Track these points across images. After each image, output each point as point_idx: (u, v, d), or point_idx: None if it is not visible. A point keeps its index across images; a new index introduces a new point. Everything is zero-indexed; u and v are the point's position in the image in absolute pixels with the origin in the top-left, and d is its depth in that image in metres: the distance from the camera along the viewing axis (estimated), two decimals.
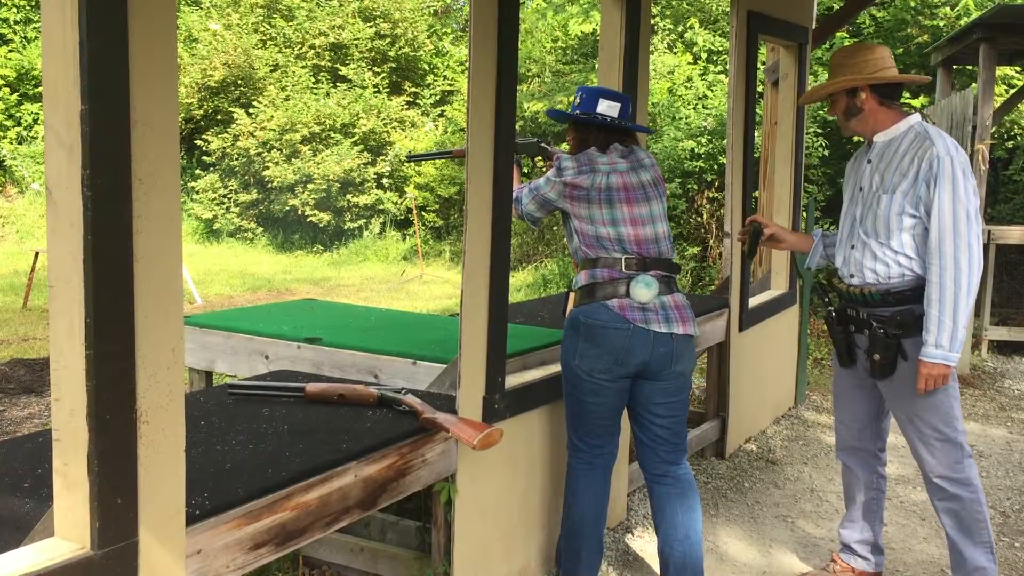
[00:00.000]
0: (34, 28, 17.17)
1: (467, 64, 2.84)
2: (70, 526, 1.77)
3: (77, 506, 1.75)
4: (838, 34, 9.76)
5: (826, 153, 9.25)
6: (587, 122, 3.12)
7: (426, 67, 18.11)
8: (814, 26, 5.84)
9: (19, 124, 16.40)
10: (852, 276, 3.11)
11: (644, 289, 2.97)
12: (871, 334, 3.03)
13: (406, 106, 16.82)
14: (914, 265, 2.98)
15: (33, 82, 16.44)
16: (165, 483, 1.85)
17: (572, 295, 3.10)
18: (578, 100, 3.15)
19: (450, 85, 16.98)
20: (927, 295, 2.89)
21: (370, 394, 2.93)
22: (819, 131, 9.27)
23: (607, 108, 3.12)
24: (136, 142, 1.72)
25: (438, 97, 17.05)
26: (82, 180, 1.65)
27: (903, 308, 2.98)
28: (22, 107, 16.48)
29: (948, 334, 2.85)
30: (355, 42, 17.05)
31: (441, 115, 16.60)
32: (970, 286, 2.85)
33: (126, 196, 1.71)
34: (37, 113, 16.18)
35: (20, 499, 2.09)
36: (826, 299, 3.27)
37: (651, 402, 3.08)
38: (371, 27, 17.25)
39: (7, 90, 16.21)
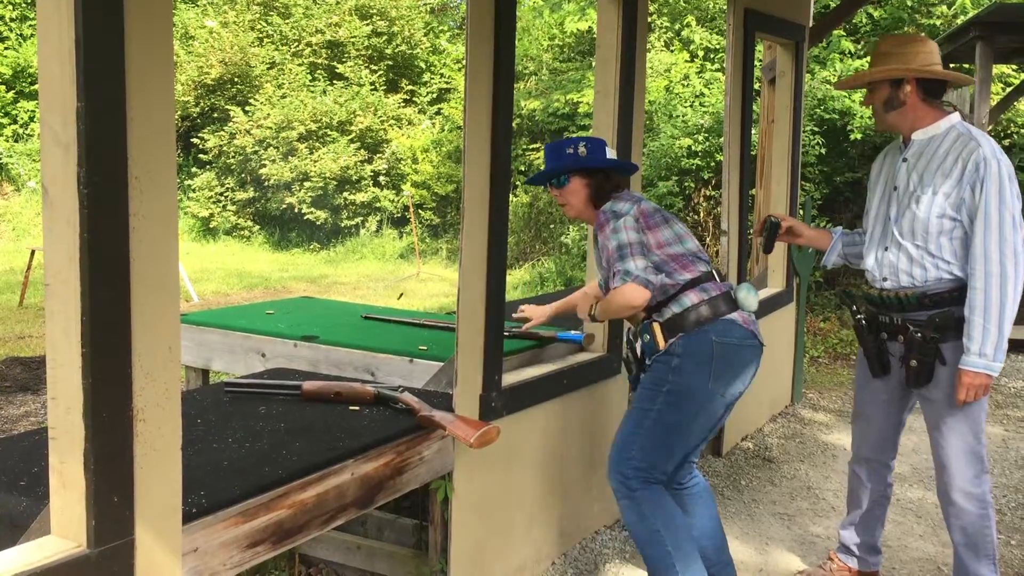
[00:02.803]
0: (30, 25, 17.14)
1: (464, 62, 2.84)
2: (66, 524, 1.77)
3: (73, 504, 1.74)
4: (835, 32, 9.76)
5: (823, 151, 9.26)
6: (604, 167, 3.02)
7: (423, 65, 18.09)
8: (811, 24, 5.84)
9: (15, 122, 16.36)
10: (885, 280, 2.96)
11: (752, 295, 2.89)
12: (908, 339, 2.89)
13: (403, 104, 16.80)
14: (953, 268, 2.85)
15: (29, 79, 16.40)
16: (161, 481, 1.85)
17: (657, 327, 2.86)
18: (584, 150, 3.02)
19: (447, 83, 16.97)
20: (970, 302, 2.77)
21: (367, 392, 2.92)
22: (816, 129, 9.28)
23: (612, 155, 3.09)
24: (132, 140, 1.71)
25: (435, 95, 17.04)
26: (78, 178, 1.65)
27: (941, 311, 2.86)
28: (18, 104, 16.44)
29: (993, 343, 2.74)
30: (352, 40, 17.02)
31: (438, 113, 16.59)
32: (1016, 293, 2.74)
33: (122, 194, 1.71)
34: (33, 111, 16.14)
35: (16, 497, 2.08)
36: (854, 307, 3.10)
37: (720, 425, 2.99)
38: (368, 25, 17.23)
39: (3, 88, 16.18)
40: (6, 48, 16.66)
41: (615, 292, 2.83)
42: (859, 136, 9.07)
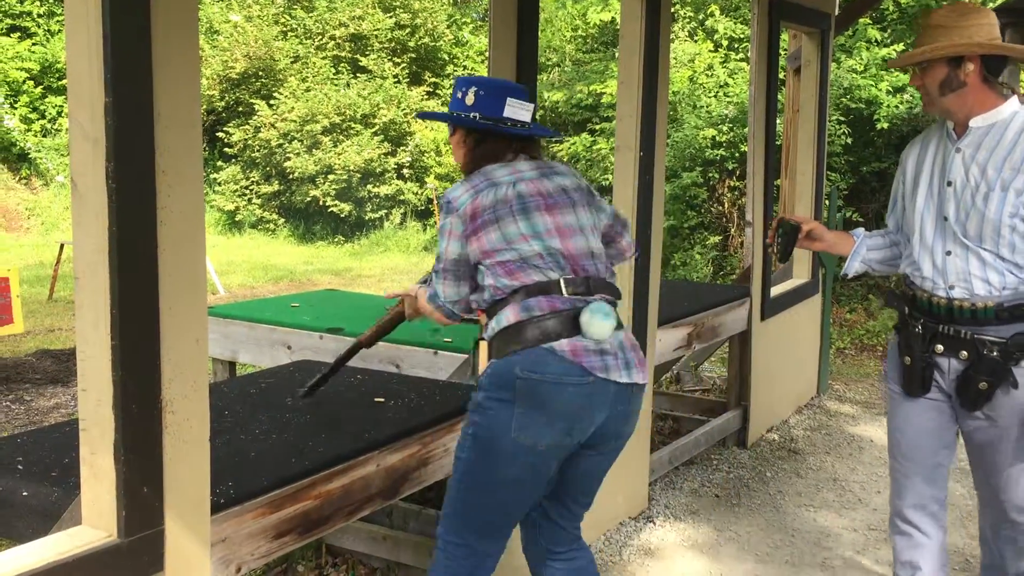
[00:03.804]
0: (57, 21, 17.28)
1: (487, 54, 2.83)
2: (97, 514, 1.79)
3: (104, 495, 1.77)
4: (861, 20, 9.66)
5: (849, 141, 9.18)
6: (488, 129, 2.32)
7: (446, 57, 18.09)
8: (837, 12, 5.79)
9: (43, 117, 16.52)
10: (952, 288, 2.49)
11: (604, 321, 2.18)
12: (975, 356, 2.44)
13: (426, 96, 16.82)
14: None
15: (57, 75, 16.55)
16: (190, 472, 1.88)
17: (483, 345, 2.34)
18: (471, 97, 2.32)
19: (469, 75, 16.95)
20: None
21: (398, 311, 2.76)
22: (841, 119, 9.20)
23: (517, 111, 2.34)
24: (160, 134, 1.73)
25: None
26: (107, 172, 1.67)
27: (1019, 326, 2.43)
28: (46, 100, 16.59)
29: None
30: (375, 33, 17.05)
31: None
32: None
33: (150, 188, 1.73)
34: (61, 106, 16.29)
35: (48, 488, 2.11)
36: (906, 311, 2.61)
37: (587, 478, 2.35)
38: (391, 17, 17.24)
39: (31, 83, 16.33)
40: (34, 44, 16.81)
41: (429, 304, 2.40)
42: (886, 125, 8.98)
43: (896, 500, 2.69)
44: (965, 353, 2.47)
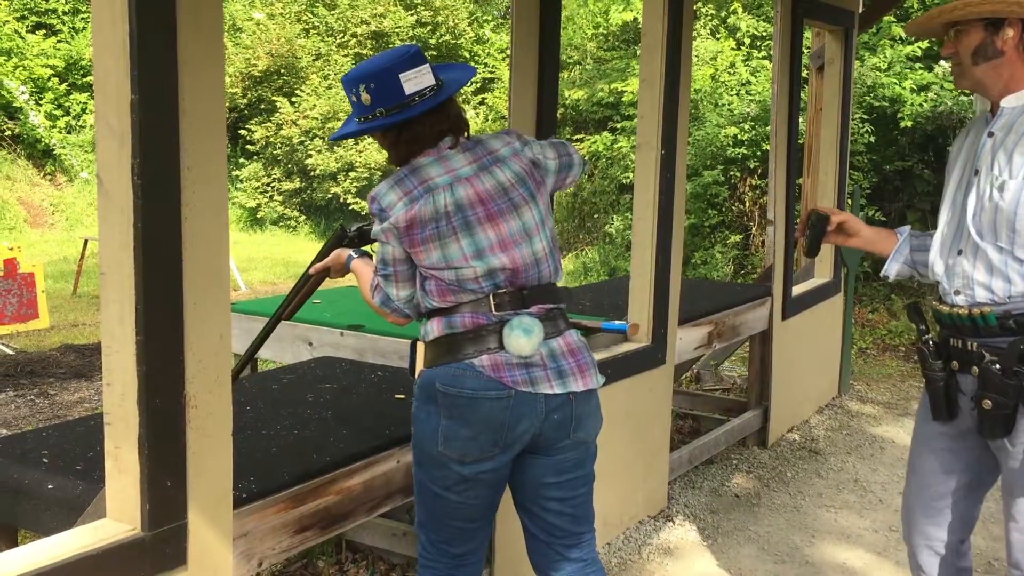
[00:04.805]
0: (82, 18, 17.43)
1: (508, 52, 2.83)
2: (121, 507, 1.81)
3: (128, 488, 1.79)
4: (885, 18, 9.59)
5: (872, 140, 9.11)
6: (400, 120, 2.14)
7: (467, 55, 18.10)
8: (861, 10, 5.75)
9: (67, 113, 16.66)
10: (958, 293, 2.22)
11: (523, 338, 2.13)
12: (982, 372, 2.15)
13: None
14: None
15: (81, 72, 16.69)
16: (213, 466, 1.89)
17: (420, 346, 2.25)
18: (366, 96, 2.13)
19: (490, 72, 16.96)
20: None
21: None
22: (865, 117, 9.13)
23: (416, 81, 2.14)
24: (185, 131, 1.74)
25: (478, 85, 17.04)
26: (132, 169, 1.69)
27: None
28: (71, 97, 16.73)
29: None
30: (396, 30, 17.08)
31: (482, 103, 16.59)
32: None
33: (175, 184, 1.74)
34: (85, 103, 16.43)
35: (73, 481, 2.14)
36: (922, 326, 2.35)
37: (541, 483, 2.27)
38: (412, 15, 17.28)
39: (56, 80, 16.47)
40: (59, 41, 16.96)
41: (383, 308, 2.30)
42: (909, 124, 8.91)
43: (903, 528, 2.47)
44: (975, 368, 2.18)
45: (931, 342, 2.29)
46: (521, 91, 2.81)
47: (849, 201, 5.86)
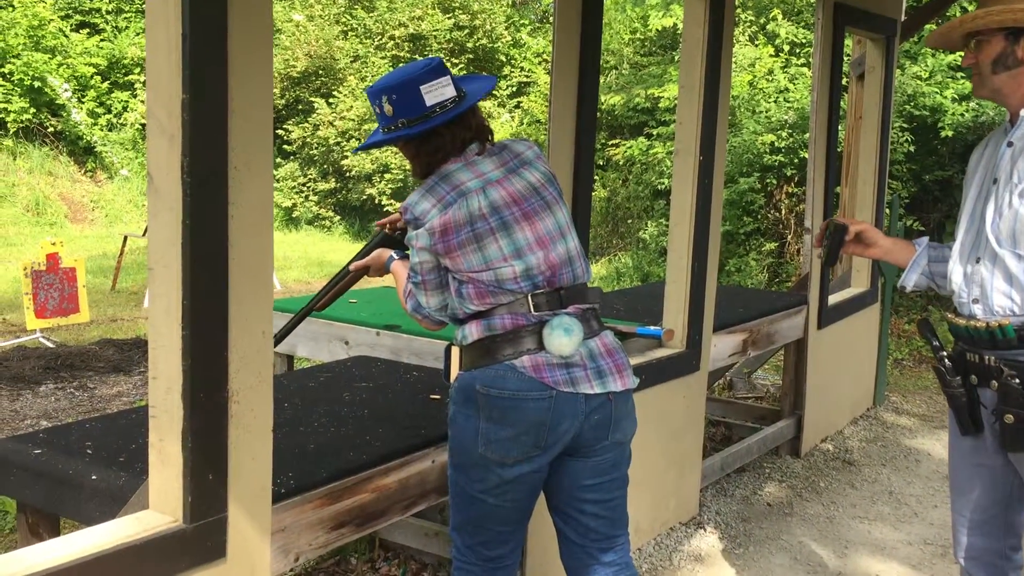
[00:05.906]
0: (124, 18, 17.67)
1: (544, 56, 2.85)
2: (164, 499, 1.84)
3: (171, 480, 1.82)
4: (927, 27, 9.49)
5: (912, 149, 9.01)
6: (421, 131, 2.18)
7: (503, 58, 18.13)
8: (903, 18, 5.70)
9: (109, 111, 16.89)
10: (976, 301, 2.21)
11: (564, 338, 2.15)
12: (1002, 387, 2.14)
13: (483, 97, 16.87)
14: None
15: (123, 70, 16.91)
16: (253, 461, 1.92)
17: (456, 351, 2.25)
18: (388, 107, 2.19)
19: (527, 76, 16.97)
20: None
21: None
22: (905, 126, 9.04)
23: (437, 93, 2.18)
24: (233, 131, 1.78)
25: (515, 88, 17.07)
26: (182, 167, 1.72)
27: None
28: (112, 95, 16.96)
29: None
30: (434, 33, 17.16)
31: (517, 107, 16.61)
32: None
33: (223, 183, 1.78)
34: (127, 101, 16.65)
35: (116, 472, 2.17)
36: (936, 342, 2.34)
37: (578, 485, 2.28)
38: (450, 18, 17.34)
39: (99, 78, 16.71)
40: (102, 40, 17.21)
41: (415, 314, 2.35)
42: (950, 133, 8.81)
43: (953, 543, 2.44)
44: (995, 382, 2.17)
45: (947, 359, 2.29)
46: (561, 96, 2.82)
47: (888, 211, 5.81)
